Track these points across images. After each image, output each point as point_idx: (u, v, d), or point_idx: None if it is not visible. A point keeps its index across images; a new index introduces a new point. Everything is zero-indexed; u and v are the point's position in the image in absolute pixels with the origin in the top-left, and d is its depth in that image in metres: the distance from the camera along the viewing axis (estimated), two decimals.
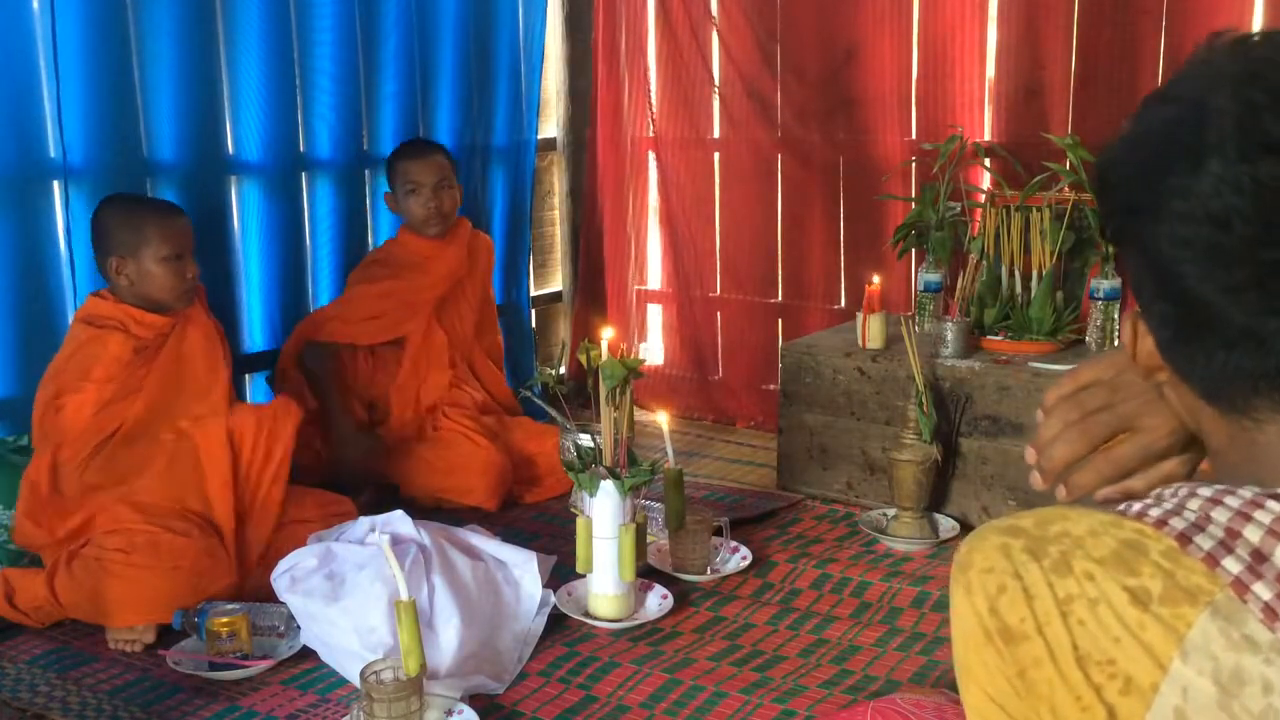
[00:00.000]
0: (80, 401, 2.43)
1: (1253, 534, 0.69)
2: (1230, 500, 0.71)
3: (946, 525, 2.85)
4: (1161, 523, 0.72)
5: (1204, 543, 0.70)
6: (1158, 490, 0.77)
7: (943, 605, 2.45)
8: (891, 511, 2.86)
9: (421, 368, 3.26)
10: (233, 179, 3.07)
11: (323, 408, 3.12)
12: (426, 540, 2.22)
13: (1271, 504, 0.70)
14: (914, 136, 3.45)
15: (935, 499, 2.87)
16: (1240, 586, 0.67)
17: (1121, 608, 0.70)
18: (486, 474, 3.03)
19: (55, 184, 2.68)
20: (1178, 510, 0.73)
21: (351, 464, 3.09)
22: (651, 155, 4.02)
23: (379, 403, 3.26)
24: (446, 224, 3.26)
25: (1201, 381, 0.78)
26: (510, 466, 3.11)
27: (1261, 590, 0.67)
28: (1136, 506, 0.76)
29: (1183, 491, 0.74)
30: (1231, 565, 0.68)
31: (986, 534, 0.77)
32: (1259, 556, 0.68)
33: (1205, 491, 0.73)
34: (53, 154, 2.66)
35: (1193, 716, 0.66)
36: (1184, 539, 0.71)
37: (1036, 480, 0.94)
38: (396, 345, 3.26)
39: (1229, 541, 0.69)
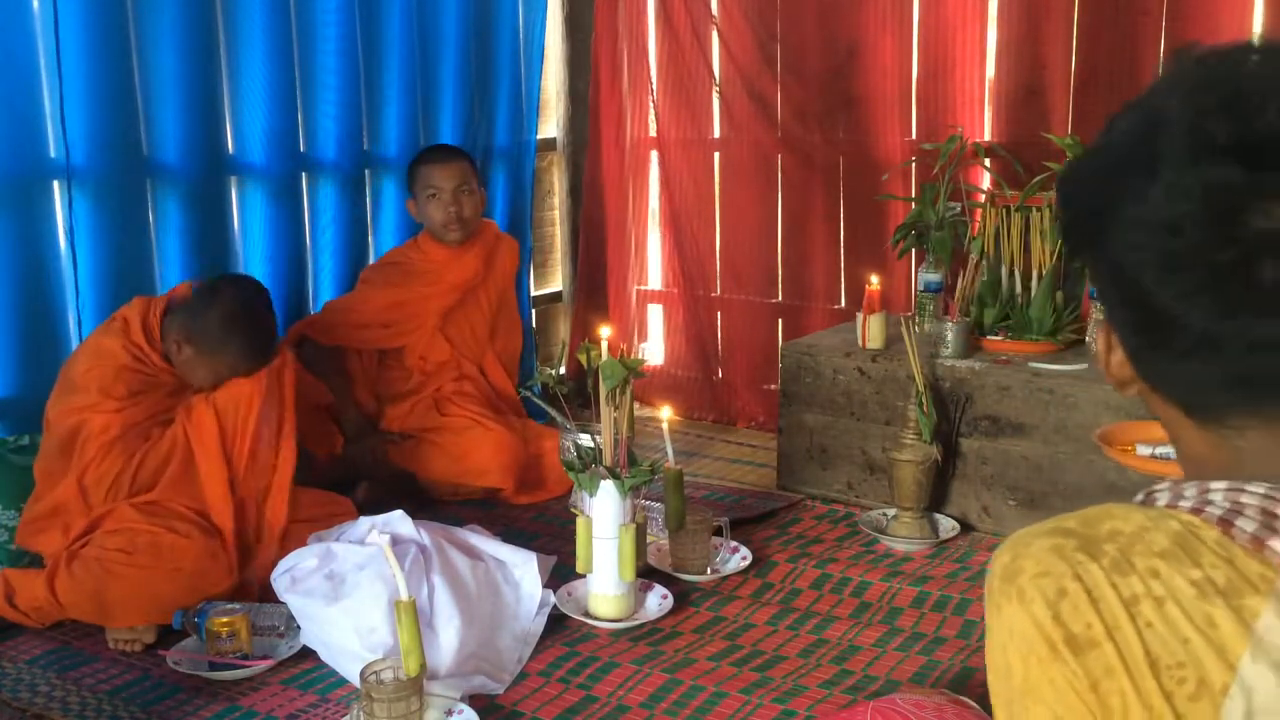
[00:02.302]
0: (105, 422, 2.42)
1: None
2: (1253, 487, 0.69)
3: (946, 525, 2.85)
4: (1197, 511, 0.70)
5: (1246, 525, 0.68)
6: (1166, 487, 0.75)
7: (942, 605, 2.45)
8: (891, 511, 2.86)
9: (421, 372, 3.28)
10: (234, 180, 3.07)
11: (335, 399, 3.17)
12: (426, 540, 2.23)
13: None
14: (914, 136, 3.45)
15: (935, 499, 2.87)
16: None
17: (1189, 604, 0.66)
18: (499, 454, 3.06)
19: (56, 184, 2.68)
20: (1204, 501, 0.70)
21: (355, 458, 3.13)
22: (652, 155, 4.02)
23: (383, 396, 3.28)
24: (466, 230, 3.26)
25: (1172, 390, 0.76)
26: (524, 449, 3.13)
27: None
28: (1163, 499, 0.73)
29: (1190, 490, 0.72)
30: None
31: (1029, 539, 0.73)
32: None
33: (1219, 485, 0.71)
34: (54, 154, 2.66)
35: (1259, 716, 0.63)
36: (1225, 524, 0.68)
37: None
38: (398, 349, 3.28)
39: (1270, 523, 0.67)
